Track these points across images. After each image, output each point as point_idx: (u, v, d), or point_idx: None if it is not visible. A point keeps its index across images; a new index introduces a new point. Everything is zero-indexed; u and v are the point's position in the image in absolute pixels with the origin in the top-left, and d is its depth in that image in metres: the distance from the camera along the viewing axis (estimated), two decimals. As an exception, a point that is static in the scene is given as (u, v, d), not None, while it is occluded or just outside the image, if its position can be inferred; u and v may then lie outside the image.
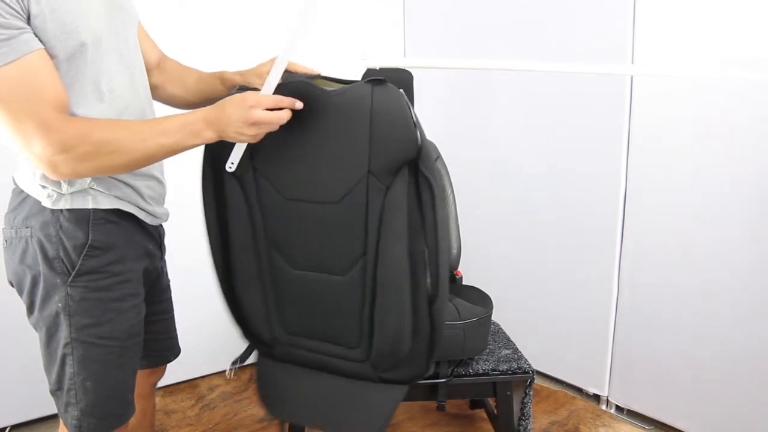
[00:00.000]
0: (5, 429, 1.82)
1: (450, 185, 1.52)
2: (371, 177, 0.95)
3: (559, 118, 1.95)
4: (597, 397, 2.00)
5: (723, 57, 1.52)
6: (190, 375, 2.18)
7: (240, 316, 1.18)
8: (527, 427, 1.44)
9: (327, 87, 1.03)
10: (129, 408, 1.04)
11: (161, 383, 1.34)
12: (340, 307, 1.07)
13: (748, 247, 1.54)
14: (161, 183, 1.09)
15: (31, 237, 0.93)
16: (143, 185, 1.02)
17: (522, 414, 1.44)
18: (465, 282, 1.56)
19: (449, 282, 1.49)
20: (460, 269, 1.53)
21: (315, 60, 1.11)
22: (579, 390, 2.06)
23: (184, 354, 1.29)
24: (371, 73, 1.03)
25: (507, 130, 2.13)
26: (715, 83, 1.54)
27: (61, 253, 0.93)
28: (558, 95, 1.94)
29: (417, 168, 0.94)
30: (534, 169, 2.05)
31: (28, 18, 0.81)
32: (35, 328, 0.99)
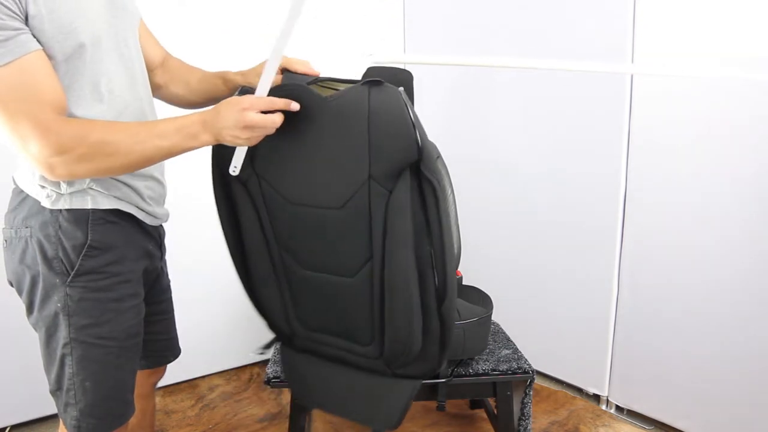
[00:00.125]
0: (5, 429, 1.82)
1: (450, 185, 1.52)
2: (373, 182, 0.94)
3: (559, 118, 1.95)
4: (597, 397, 2.00)
5: (723, 57, 1.52)
6: (190, 375, 2.18)
7: (261, 310, 1.21)
8: (527, 427, 1.44)
9: (326, 90, 1.02)
10: (128, 408, 1.04)
11: (161, 383, 1.34)
12: (350, 307, 1.08)
13: (748, 247, 1.54)
14: (161, 183, 1.09)
15: (31, 237, 0.93)
16: (143, 186, 1.02)
17: (522, 414, 1.44)
18: (465, 282, 1.56)
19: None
20: (460, 269, 1.53)
21: (315, 60, 1.11)
22: (579, 390, 2.06)
23: (184, 354, 1.29)
24: (371, 73, 1.03)
25: (507, 130, 2.13)
26: (715, 83, 1.54)
27: (60, 253, 0.93)
28: (558, 95, 1.94)
29: (419, 170, 0.93)
30: (534, 169, 2.05)
31: (26, 19, 0.81)
32: (35, 328, 0.99)
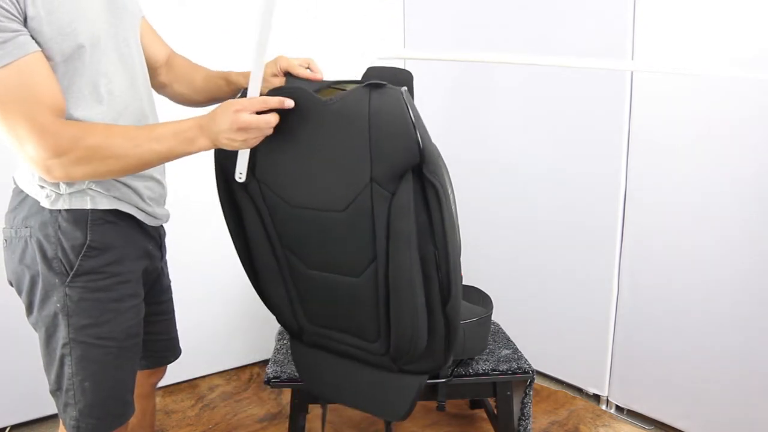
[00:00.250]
0: (5, 429, 1.82)
1: (450, 185, 1.52)
2: (374, 185, 0.94)
3: (559, 118, 1.95)
4: (597, 397, 2.00)
5: (723, 57, 1.52)
6: (190, 375, 2.18)
7: (270, 307, 1.22)
8: (527, 427, 1.44)
9: (334, 93, 1.02)
10: (128, 408, 1.04)
11: (161, 383, 1.34)
12: (356, 305, 1.08)
13: (748, 247, 1.54)
14: (161, 184, 1.09)
15: (30, 237, 0.93)
16: (142, 186, 1.02)
17: (522, 414, 1.44)
18: (465, 282, 1.56)
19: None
20: (460, 269, 1.53)
21: (315, 59, 1.11)
22: (579, 390, 2.06)
23: (184, 354, 1.29)
24: (370, 73, 1.02)
25: (507, 130, 2.13)
26: (715, 83, 1.54)
27: (60, 254, 0.93)
28: (558, 95, 1.94)
29: (421, 173, 0.92)
30: (534, 169, 2.05)
31: (24, 20, 0.81)
32: (34, 328, 0.99)
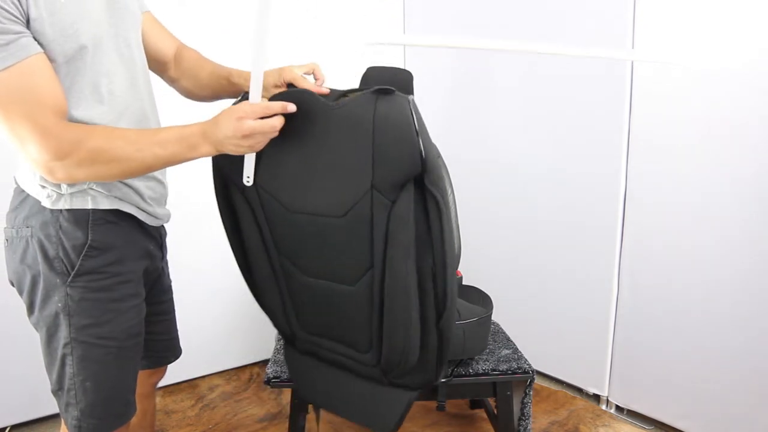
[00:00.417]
0: (5, 429, 1.82)
1: (450, 185, 1.51)
2: (375, 192, 0.93)
3: (559, 118, 1.95)
4: (597, 397, 2.00)
5: (723, 54, 1.52)
6: (190, 375, 2.18)
7: (266, 310, 1.22)
8: (527, 427, 1.44)
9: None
10: (130, 408, 1.04)
11: (161, 383, 1.34)
12: (350, 314, 1.07)
13: (748, 247, 1.54)
14: (162, 184, 1.09)
15: (32, 236, 0.93)
16: (143, 186, 1.02)
17: (522, 414, 1.44)
18: (465, 282, 1.56)
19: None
20: (460, 269, 1.53)
21: (315, 59, 1.11)
22: (579, 390, 2.06)
23: (184, 354, 1.29)
24: (370, 73, 1.01)
25: (507, 130, 2.13)
26: (716, 83, 1.54)
27: (61, 253, 0.93)
28: (558, 96, 1.94)
29: (423, 183, 0.92)
30: (534, 169, 2.05)
31: (27, 22, 0.81)
32: (36, 327, 0.99)
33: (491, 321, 1.46)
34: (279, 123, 0.91)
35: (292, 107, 0.92)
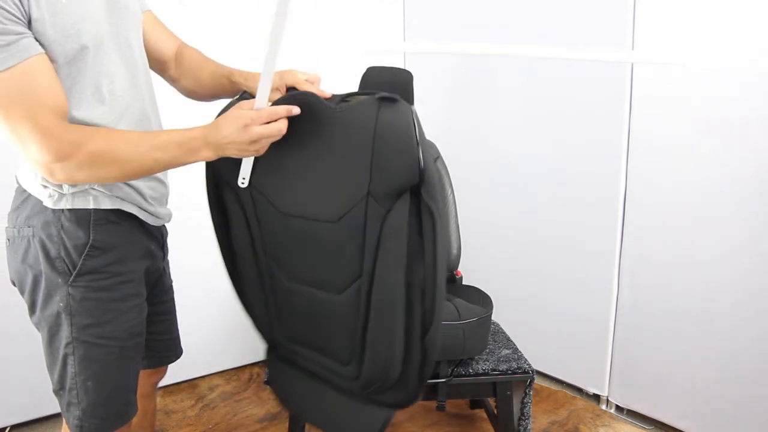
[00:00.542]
0: (5, 429, 1.82)
1: (450, 185, 1.52)
2: (370, 200, 0.92)
3: (559, 118, 1.95)
4: (597, 397, 2.00)
5: (723, 54, 1.52)
6: (190, 375, 2.18)
7: (249, 314, 1.21)
8: (527, 427, 1.44)
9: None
10: (131, 408, 1.04)
11: (161, 383, 1.34)
12: (333, 324, 1.05)
13: (748, 247, 1.54)
14: (163, 184, 1.09)
15: (33, 236, 0.94)
16: (145, 186, 1.02)
17: (522, 414, 1.44)
18: (465, 282, 1.56)
19: (448, 282, 1.49)
20: (460, 269, 1.54)
21: (315, 59, 1.11)
22: (579, 390, 2.07)
23: (184, 354, 1.29)
24: (370, 74, 1.01)
25: (507, 130, 2.14)
26: (716, 84, 1.55)
27: (62, 253, 0.93)
28: (558, 96, 1.94)
29: (419, 195, 0.90)
30: (534, 169, 2.06)
31: (29, 22, 0.81)
32: (37, 327, 0.99)
33: (491, 321, 1.46)
34: (285, 126, 0.91)
35: (296, 110, 0.92)
